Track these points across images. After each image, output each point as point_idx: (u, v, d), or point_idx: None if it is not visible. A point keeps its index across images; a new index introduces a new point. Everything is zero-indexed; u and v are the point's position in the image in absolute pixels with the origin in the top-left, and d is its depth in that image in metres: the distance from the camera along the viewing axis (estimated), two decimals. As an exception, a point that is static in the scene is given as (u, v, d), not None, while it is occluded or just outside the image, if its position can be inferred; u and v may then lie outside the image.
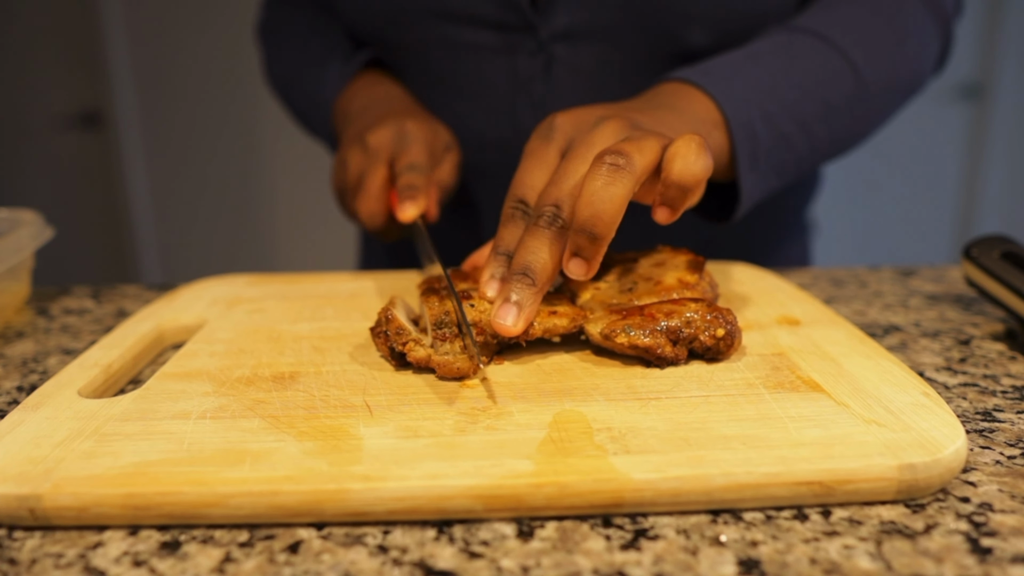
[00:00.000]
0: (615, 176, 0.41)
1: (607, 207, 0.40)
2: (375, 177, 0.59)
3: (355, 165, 0.61)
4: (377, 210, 0.60)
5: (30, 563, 0.29)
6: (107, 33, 2.31)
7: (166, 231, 2.51)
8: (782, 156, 0.57)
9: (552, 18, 0.64)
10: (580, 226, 0.41)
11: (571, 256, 0.42)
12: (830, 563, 0.28)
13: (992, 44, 2.40)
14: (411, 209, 0.56)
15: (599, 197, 0.40)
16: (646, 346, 0.41)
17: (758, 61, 0.58)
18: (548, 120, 0.48)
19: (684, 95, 0.54)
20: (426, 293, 0.45)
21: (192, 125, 2.42)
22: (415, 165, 0.59)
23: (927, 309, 0.58)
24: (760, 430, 0.34)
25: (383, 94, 0.69)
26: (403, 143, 0.61)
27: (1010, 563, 0.28)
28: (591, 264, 0.42)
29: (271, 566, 0.28)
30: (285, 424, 0.35)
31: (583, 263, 0.42)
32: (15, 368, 0.49)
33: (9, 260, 0.56)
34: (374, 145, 0.61)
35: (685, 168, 0.41)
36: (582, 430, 0.34)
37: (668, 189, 0.42)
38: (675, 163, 0.42)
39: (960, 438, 0.33)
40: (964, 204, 2.58)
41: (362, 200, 0.60)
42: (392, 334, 0.41)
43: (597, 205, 0.40)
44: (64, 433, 0.35)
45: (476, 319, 0.41)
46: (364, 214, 0.60)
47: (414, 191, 0.56)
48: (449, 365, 0.39)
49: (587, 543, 0.29)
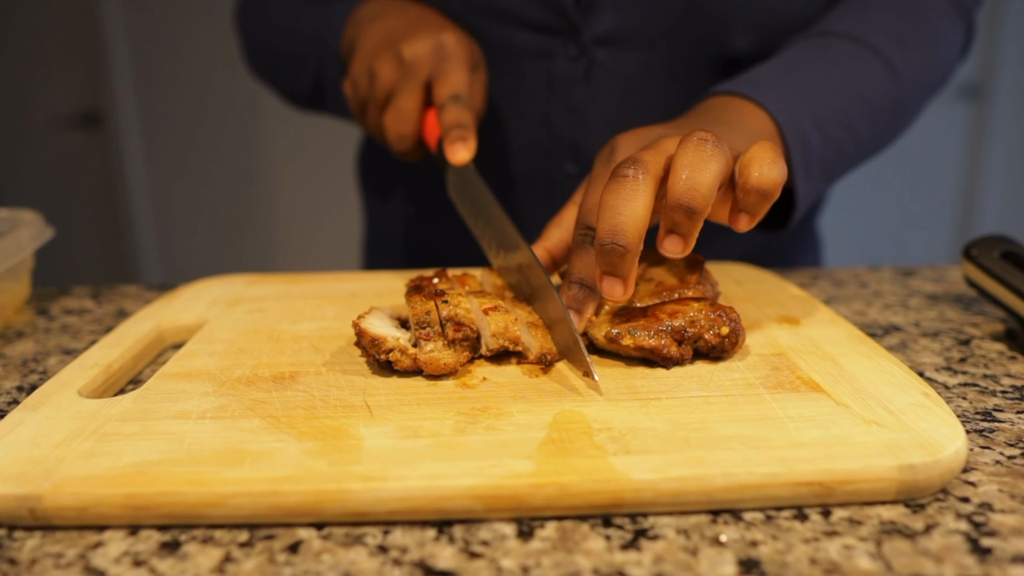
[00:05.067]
0: (710, 150, 0.39)
1: (703, 179, 0.38)
2: (411, 97, 0.56)
3: (387, 77, 0.57)
4: (409, 132, 0.56)
5: (30, 563, 0.29)
6: (107, 33, 2.31)
7: (166, 231, 2.51)
8: (832, 160, 0.58)
9: (596, 22, 0.63)
10: (676, 201, 0.39)
11: (667, 234, 0.40)
12: (830, 563, 0.28)
13: (992, 44, 2.40)
14: (463, 152, 0.53)
15: (695, 168, 0.38)
16: (652, 347, 0.41)
17: (801, 69, 0.58)
18: (610, 143, 0.48)
19: (736, 109, 0.54)
20: (410, 293, 0.45)
21: (192, 125, 2.42)
22: (460, 96, 0.55)
23: (927, 309, 0.58)
24: (760, 430, 0.34)
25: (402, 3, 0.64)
26: (443, 62, 0.56)
27: (1010, 563, 0.28)
28: (687, 241, 0.40)
29: (271, 566, 0.28)
30: (285, 424, 0.35)
31: (679, 239, 0.40)
32: (15, 368, 0.49)
33: (9, 260, 0.56)
34: (410, 59, 0.56)
35: (763, 173, 0.40)
36: (582, 430, 0.34)
37: (747, 195, 0.41)
38: (752, 168, 0.40)
39: (960, 438, 0.33)
40: (964, 204, 2.58)
41: (392, 119, 0.56)
42: (368, 346, 0.41)
43: (691, 180, 0.38)
44: (64, 433, 0.35)
45: (452, 315, 0.41)
46: (394, 135, 0.56)
47: (464, 130, 0.53)
48: (435, 362, 0.40)
49: (587, 543, 0.29)
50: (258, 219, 2.50)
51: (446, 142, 0.54)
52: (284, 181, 2.45)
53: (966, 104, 2.49)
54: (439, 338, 0.41)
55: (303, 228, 2.48)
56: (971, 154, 2.54)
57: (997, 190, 2.55)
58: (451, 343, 0.41)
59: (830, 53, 0.59)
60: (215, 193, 2.48)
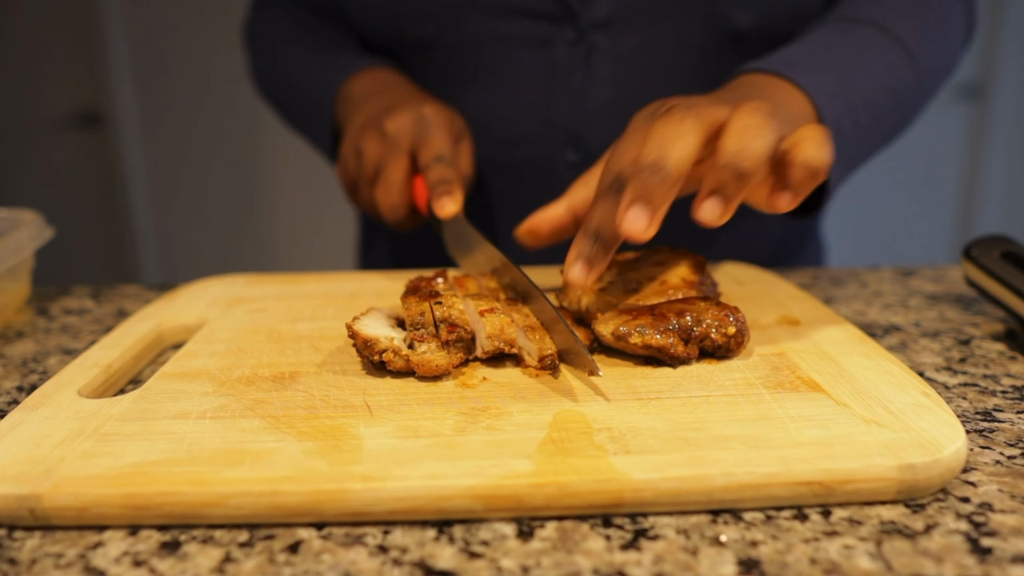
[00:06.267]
0: (765, 118, 0.38)
1: (758, 143, 0.37)
2: (396, 168, 0.57)
3: (372, 153, 0.58)
4: (399, 203, 0.57)
5: (30, 563, 0.29)
6: (107, 33, 2.31)
7: (166, 231, 2.50)
8: (860, 147, 0.57)
9: (593, 5, 0.63)
10: (726, 160, 0.37)
11: (708, 195, 0.38)
12: (830, 563, 0.28)
13: (992, 44, 2.40)
14: (450, 205, 0.53)
15: (752, 134, 0.37)
16: (659, 345, 0.41)
17: (835, 53, 0.57)
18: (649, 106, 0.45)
19: (775, 88, 0.52)
20: (406, 294, 0.45)
21: (192, 125, 2.42)
22: (442, 156, 0.56)
23: (927, 309, 0.58)
24: (760, 430, 0.34)
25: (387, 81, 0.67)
26: (424, 131, 0.58)
27: (1010, 563, 0.28)
28: (728, 207, 0.38)
29: (271, 566, 0.28)
30: (285, 424, 0.35)
31: (721, 203, 0.38)
32: (15, 368, 0.49)
33: (9, 260, 0.56)
34: (393, 133, 0.58)
35: (815, 151, 0.39)
36: (582, 430, 0.34)
37: (795, 170, 0.39)
38: (803, 146, 0.39)
39: (960, 438, 0.33)
40: (964, 204, 2.58)
41: (383, 192, 0.57)
42: (361, 348, 0.41)
43: (746, 140, 0.37)
44: (64, 433, 0.35)
45: (446, 316, 0.41)
46: (385, 207, 0.57)
47: (449, 185, 0.54)
48: (428, 363, 0.40)
49: (587, 543, 0.29)
50: (258, 219, 2.50)
51: (432, 199, 0.54)
52: (284, 181, 2.45)
53: (966, 104, 2.49)
54: (433, 339, 0.41)
55: (303, 228, 2.48)
56: (971, 154, 2.54)
57: (997, 190, 2.55)
58: (445, 344, 0.41)
59: (858, 39, 0.58)
60: (215, 193, 2.48)
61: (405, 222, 0.59)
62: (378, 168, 0.58)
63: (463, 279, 0.50)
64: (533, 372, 0.41)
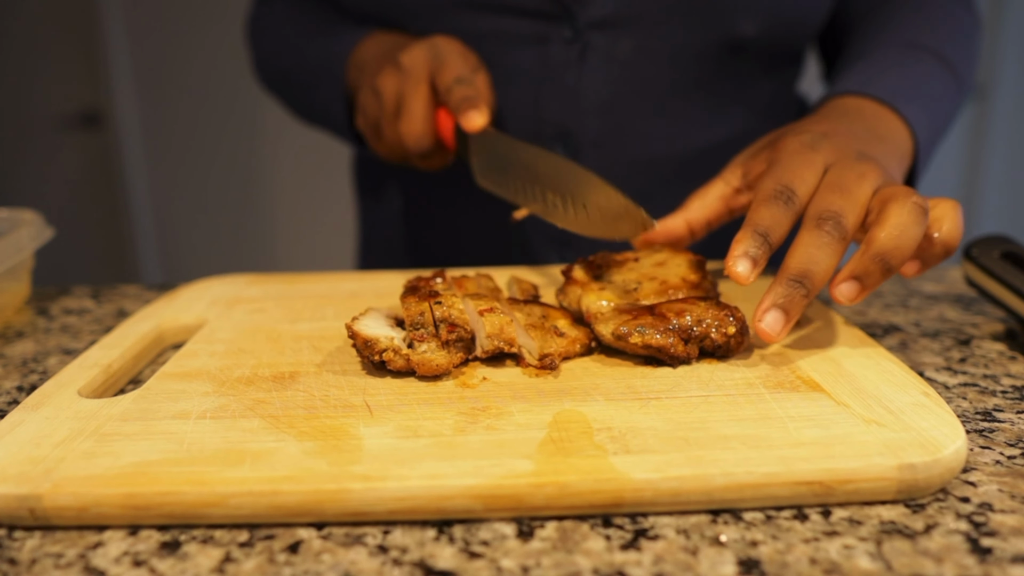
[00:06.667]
0: (920, 218, 0.41)
1: (910, 244, 0.41)
2: (417, 96, 0.56)
3: (391, 88, 0.58)
4: (424, 131, 0.56)
5: (30, 563, 0.29)
6: (107, 33, 2.31)
7: (166, 231, 2.51)
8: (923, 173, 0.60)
9: (591, 5, 0.63)
10: (878, 253, 0.41)
11: (850, 278, 0.42)
12: (830, 563, 0.28)
13: (992, 44, 2.40)
14: (478, 118, 0.53)
15: (908, 234, 0.41)
16: (660, 345, 0.41)
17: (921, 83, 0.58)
18: (810, 132, 0.48)
19: (883, 120, 0.54)
20: (405, 294, 0.45)
21: (192, 125, 2.42)
22: (462, 78, 0.55)
23: (927, 309, 0.58)
24: (760, 430, 0.34)
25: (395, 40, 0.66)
26: (440, 58, 0.57)
27: (1010, 563, 0.28)
28: (866, 294, 0.42)
29: (271, 566, 0.28)
30: (285, 424, 0.35)
31: (860, 290, 0.42)
32: (15, 368, 0.49)
33: (9, 260, 0.56)
34: (409, 64, 0.57)
35: (954, 231, 0.44)
36: (582, 430, 0.34)
37: (933, 246, 0.44)
38: (944, 224, 0.44)
39: (960, 438, 0.33)
40: (964, 204, 2.58)
41: (406, 123, 0.56)
42: (361, 348, 0.41)
43: (902, 239, 0.41)
44: (64, 433, 0.35)
45: (445, 315, 0.41)
46: (410, 138, 0.57)
47: (473, 99, 0.53)
48: (428, 363, 0.40)
49: (587, 543, 0.29)
50: (258, 219, 2.50)
51: (458, 116, 0.54)
52: (284, 181, 2.45)
53: (966, 104, 2.49)
54: (433, 339, 0.41)
55: (303, 228, 2.48)
56: (971, 154, 2.54)
57: (997, 190, 2.55)
58: (445, 344, 0.41)
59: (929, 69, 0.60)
60: (215, 193, 2.48)
61: (433, 157, 0.59)
62: (399, 101, 0.58)
63: (462, 279, 0.50)
64: (533, 372, 0.41)
